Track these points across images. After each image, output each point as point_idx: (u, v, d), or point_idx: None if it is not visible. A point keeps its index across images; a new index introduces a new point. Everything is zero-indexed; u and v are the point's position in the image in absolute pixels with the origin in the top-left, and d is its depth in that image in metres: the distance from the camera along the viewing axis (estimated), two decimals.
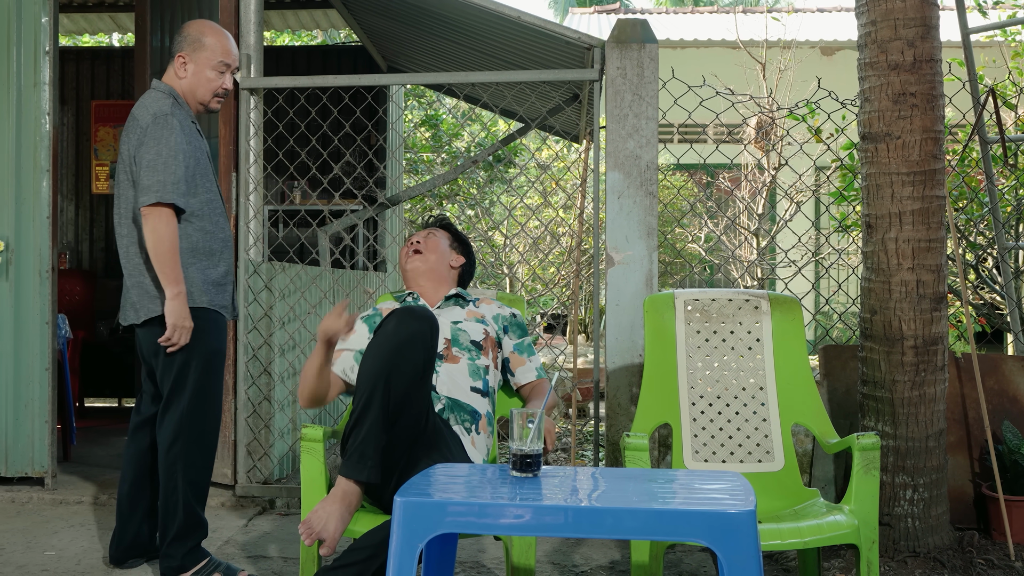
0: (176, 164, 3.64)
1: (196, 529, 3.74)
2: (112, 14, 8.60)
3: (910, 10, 3.84)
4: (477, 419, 3.37)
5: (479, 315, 3.58)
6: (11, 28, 4.98)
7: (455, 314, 3.55)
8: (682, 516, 2.20)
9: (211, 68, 3.81)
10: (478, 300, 3.68)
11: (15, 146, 4.98)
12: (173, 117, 3.70)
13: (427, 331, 3.02)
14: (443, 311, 3.56)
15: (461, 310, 3.58)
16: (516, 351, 3.60)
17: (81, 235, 8.68)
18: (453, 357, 3.44)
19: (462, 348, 3.45)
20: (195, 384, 3.74)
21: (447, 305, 3.60)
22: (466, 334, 3.49)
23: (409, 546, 2.19)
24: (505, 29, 5.43)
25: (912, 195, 3.86)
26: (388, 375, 2.91)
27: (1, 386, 4.98)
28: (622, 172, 4.65)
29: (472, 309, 3.60)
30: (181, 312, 3.65)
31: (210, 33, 3.84)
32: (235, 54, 3.88)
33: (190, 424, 3.74)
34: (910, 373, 3.86)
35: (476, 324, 3.53)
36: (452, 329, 3.49)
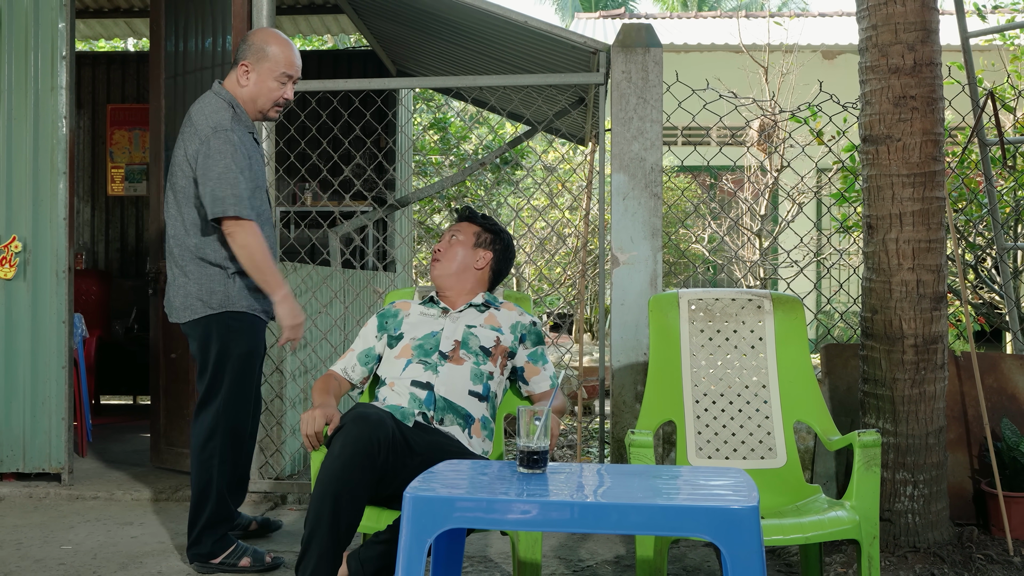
0: (239, 177, 3.62)
1: (226, 520, 3.83)
2: (127, 19, 8.61)
3: (910, 15, 3.83)
4: (471, 422, 3.37)
5: (496, 323, 3.53)
6: (29, 34, 4.99)
7: (472, 318, 3.53)
8: (686, 512, 2.19)
9: (274, 78, 3.78)
10: (501, 304, 3.63)
11: (33, 149, 4.99)
12: (233, 133, 3.68)
13: (375, 444, 2.98)
14: (462, 315, 3.53)
15: (480, 315, 3.55)
16: (531, 360, 3.56)
17: (97, 236, 8.69)
18: (459, 359, 3.42)
19: (470, 352, 3.43)
20: (230, 383, 3.78)
21: (467, 310, 3.56)
22: (477, 339, 3.46)
23: (418, 541, 2.20)
24: (512, 34, 5.43)
25: (912, 196, 3.85)
26: (336, 498, 2.92)
27: (19, 384, 5.00)
28: (627, 174, 4.65)
29: (492, 315, 3.56)
30: (292, 311, 3.72)
31: (274, 43, 3.80)
32: (298, 65, 3.84)
33: (225, 421, 3.79)
34: (910, 371, 3.85)
35: (490, 332, 3.50)
36: (465, 333, 3.47)
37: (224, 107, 3.74)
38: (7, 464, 5.01)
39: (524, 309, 3.66)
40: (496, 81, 5.08)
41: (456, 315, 3.53)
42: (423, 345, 3.43)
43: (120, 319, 8.18)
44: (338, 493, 2.91)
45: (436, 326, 3.49)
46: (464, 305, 3.57)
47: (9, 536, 4.28)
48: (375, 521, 3.07)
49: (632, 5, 25.81)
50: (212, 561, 3.79)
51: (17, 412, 4.99)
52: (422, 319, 3.52)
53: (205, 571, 3.80)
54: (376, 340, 3.56)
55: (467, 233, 3.65)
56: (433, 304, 3.58)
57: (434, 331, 3.47)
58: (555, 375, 3.61)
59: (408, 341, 3.46)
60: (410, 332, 3.49)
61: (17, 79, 4.99)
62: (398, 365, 3.42)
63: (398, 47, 8.06)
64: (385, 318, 3.56)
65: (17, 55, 4.99)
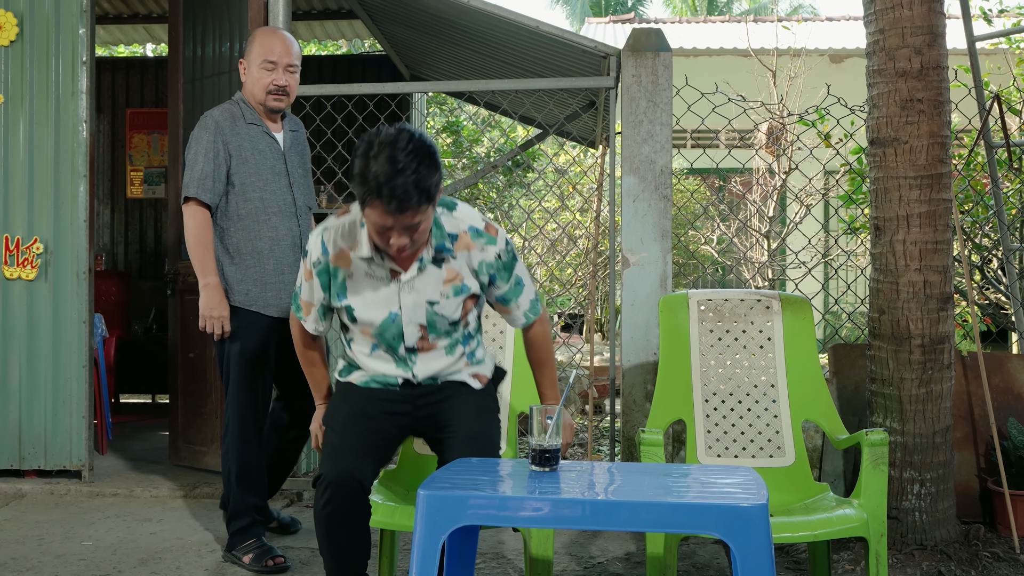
0: (204, 161, 3.72)
1: (245, 513, 3.88)
2: (146, 25, 8.64)
3: (917, 19, 3.82)
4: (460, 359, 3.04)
5: (458, 277, 2.88)
6: (50, 40, 5.01)
7: (432, 284, 2.86)
8: (696, 509, 2.19)
9: (258, 67, 3.82)
10: (456, 239, 2.87)
11: (54, 152, 5.01)
12: (210, 118, 3.80)
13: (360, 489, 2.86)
14: (418, 283, 2.85)
15: (437, 273, 2.86)
16: (500, 303, 3.01)
17: (116, 238, 8.72)
18: (429, 345, 2.95)
19: (439, 334, 2.94)
20: (234, 378, 3.83)
21: (423, 272, 2.86)
22: (444, 318, 2.91)
23: (432, 538, 2.20)
24: (524, 39, 5.43)
25: (919, 198, 3.84)
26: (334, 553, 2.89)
27: (40, 383, 5.02)
28: (637, 176, 4.64)
29: (451, 266, 2.87)
30: (209, 302, 3.73)
31: (257, 36, 3.87)
32: (278, 51, 3.83)
33: (231, 419, 3.84)
34: (917, 371, 3.84)
35: (454, 299, 2.89)
36: (428, 313, 2.88)
37: (226, 106, 3.88)
38: (29, 461, 5.03)
39: (500, 245, 2.90)
40: (508, 85, 5.08)
41: (410, 283, 2.85)
42: (384, 334, 2.91)
43: (139, 319, 8.20)
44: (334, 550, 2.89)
45: (391, 302, 2.86)
46: (415, 267, 2.84)
47: (31, 532, 4.29)
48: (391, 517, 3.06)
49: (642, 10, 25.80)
50: (231, 551, 3.87)
51: (39, 410, 5.01)
52: (367, 283, 2.86)
53: (225, 559, 3.90)
54: (324, 295, 2.94)
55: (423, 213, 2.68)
56: (378, 265, 2.85)
57: (392, 313, 2.87)
58: (536, 299, 3.04)
59: (365, 324, 2.90)
60: (361, 308, 2.88)
61: (39, 84, 5.01)
62: (363, 343, 2.97)
63: (411, 52, 8.07)
64: (325, 276, 2.90)
65: (39, 61, 5.02)
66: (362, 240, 2.82)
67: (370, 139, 2.65)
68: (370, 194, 2.61)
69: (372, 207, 2.63)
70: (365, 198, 2.63)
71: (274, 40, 3.86)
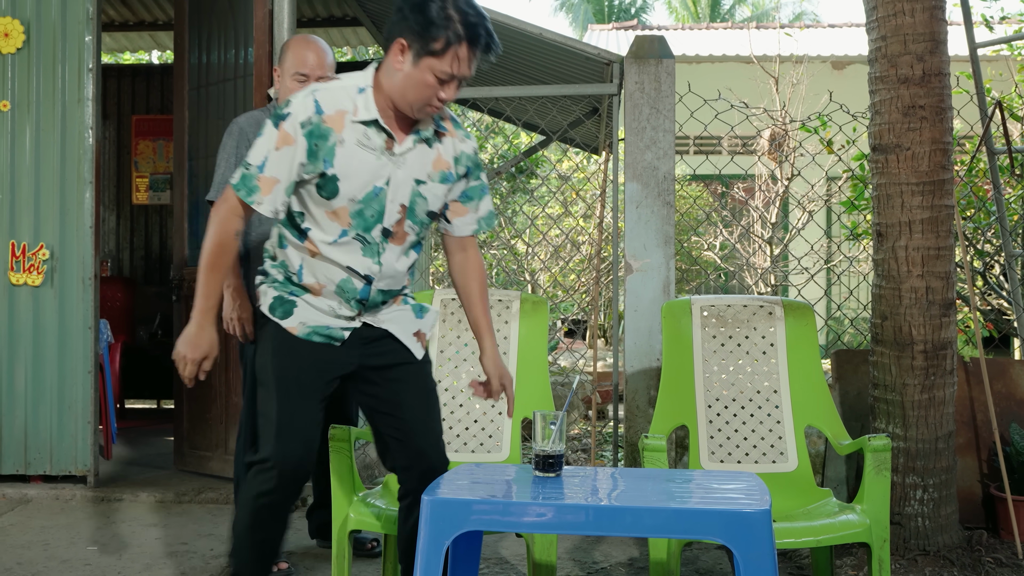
0: (225, 166, 3.84)
1: None
2: (152, 32, 8.65)
3: (919, 26, 3.82)
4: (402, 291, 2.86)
5: (446, 165, 2.74)
6: (56, 47, 5.02)
7: (419, 163, 2.69)
8: (699, 515, 2.19)
9: (290, 78, 3.83)
10: (443, 123, 2.75)
11: (60, 159, 5.02)
12: (236, 124, 3.85)
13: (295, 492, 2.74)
14: (410, 157, 2.67)
15: (428, 152, 2.70)
16: (462, 200, 2.83)
17: (122, 244, 8.73)
18: (401, 235, 2.72)
19: (415, 221, 2.72)
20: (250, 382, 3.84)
21: (416, 147, 2.68)
22: (425, 202, 2.71)
23: (436, 543, 2.20)
24: (527, 46, 5.44)
25: (921, 204, 3.84)
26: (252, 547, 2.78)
27: (46, 388, 5.02)
28: (640, 183, 4.64)
29: (439, 148, 2.72)
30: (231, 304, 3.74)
31: (291, 45, 3.85)
32: (312, 63, 3.82)
33: (244, 418, 3.86)
34: (920, 377, 3.83)
35: (440, 185, 2.73)
36: (412, 193, 2.68)
37: (255, 113, 3.93)
38: (34, 467, 5.03)
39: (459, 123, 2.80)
40: (512, 92, 5.09)
41: (401, 156, 2.65)
42: (363, 212, 2.64)
43: (144, 325, 8.21)
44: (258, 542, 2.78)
45: (379, 176, 2.63)
46: (411, 138, 2.67)
47: (36, 537, 4.30)
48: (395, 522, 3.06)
49: (645, 17, 25.83)
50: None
51: (44, 416, 5.02)
52: (359, 154, 2.61)
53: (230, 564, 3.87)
54: (301, 169, 2.62)
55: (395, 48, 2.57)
56: (376, 128, 2.63)
57: (377, 187, 2.64)
58: (490, 214, 2.90)
59: (345, 201, 2.62)
60: (347, 178, 2.61)
61: (45, 91, 5.03)
62: (330, 229, 2.66)
63: None
64: (314, 139, 2.59)
65: (45, 68, 5.03)
66: (361, 104, 2.61)
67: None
68: (456, 36, 2.49)
69: (451, 52, 2.50)
70: (449, 41, 2.48)
71: (308, 51, 3.84)
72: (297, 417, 2.70)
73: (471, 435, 3.65)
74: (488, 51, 2.56)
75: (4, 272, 5.00)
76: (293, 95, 2.64)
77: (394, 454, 2.84)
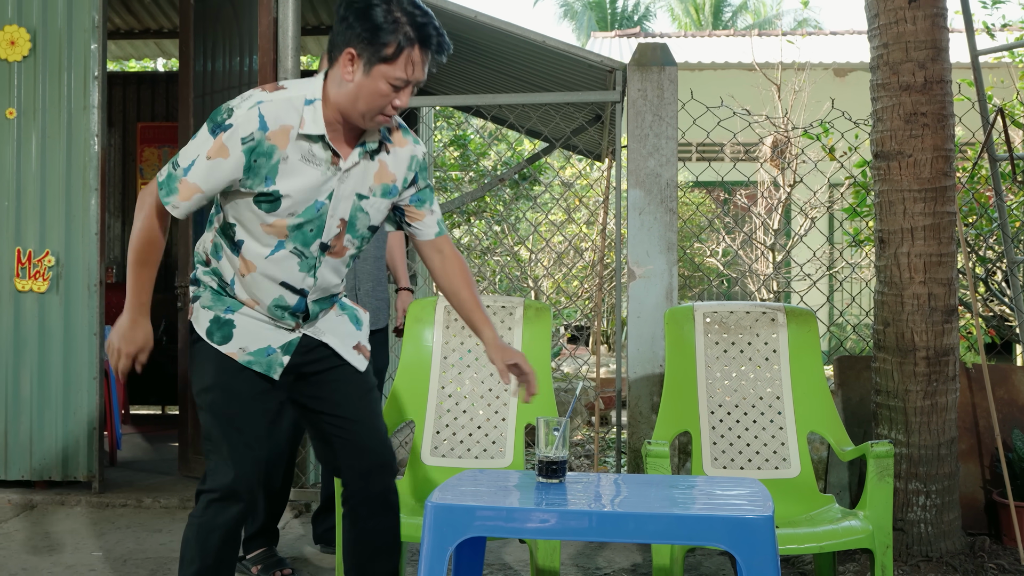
0: None
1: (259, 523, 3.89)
2: (157, 40, 8.67)
3: (921, 33, 3.82)
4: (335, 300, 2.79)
5: (391, 178, 2.63)
6: (62, 55, 5.04)
7: (363, 176, 2.59)
8: (702, 521, 2.19)
9: None
10: (391, 132, 2.64)
11: (66, 166, 5.03)
12: None
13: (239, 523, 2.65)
14: (354, 172, 2.56)
15: (371, 165, 2.59)
16: (415, 204, 2.72)
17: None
18: (340, 249, 2.63)
19: (355, 235, 2.64)
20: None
21: (360, 161, 2.57)
22: (367, 217, 2.62)
23: (440, 549, 2.20)
24: (531, 53, 5.45)
25: (923, 211, 3.84)
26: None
27: (51, 394, 5.02)
28: (643, 189, 4.64)
29: (384, 160, 2.61)
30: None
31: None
32: None
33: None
34: (922, 383, 3.83)
35: (382, 200, 2.63)
36: (353, 208, 2.58)
37: None
38: (40, 472, 5.03)
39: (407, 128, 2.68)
40: (515, 99, 5.09)
41: (348, 171, 2.54)
42: (302, 226, 2.54)
43: None
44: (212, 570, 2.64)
45: (322, 191, 2.52)
46: (357, 151, 2.55)
47: (42, 542, 4.29)
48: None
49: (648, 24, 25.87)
50: (242, 559, 3.84)
51: (50, 422, 5.02)
52: (303, 170, 2.49)
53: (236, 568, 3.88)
54: (233, 183, 2.49)
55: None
56: (322, 144, 2.50)
57: (319, 202, 2.52)
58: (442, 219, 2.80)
59: (285, 215, 2.51)
60: (288, 195, 2.50)
61: (51, 99, 5.04)
62: (266, 242, 2.56)
63: None
64: (255, 155, 2.45)
65: (51, 75, 5.04)
66: (309, 118, 2.47)
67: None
68: (407, 40, 2.39)
69: (404, 56, 2.40)
70: (400, 46, 2.38)
71: None
72: (245, 443, 2.62)
73: (474, 441, 3.65)
74: (440, 51, 2.46)
75: (10, 279, 5.01)
76: (235, 104, 2.47)
77: (338, 453, 2.74)
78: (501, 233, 11.25)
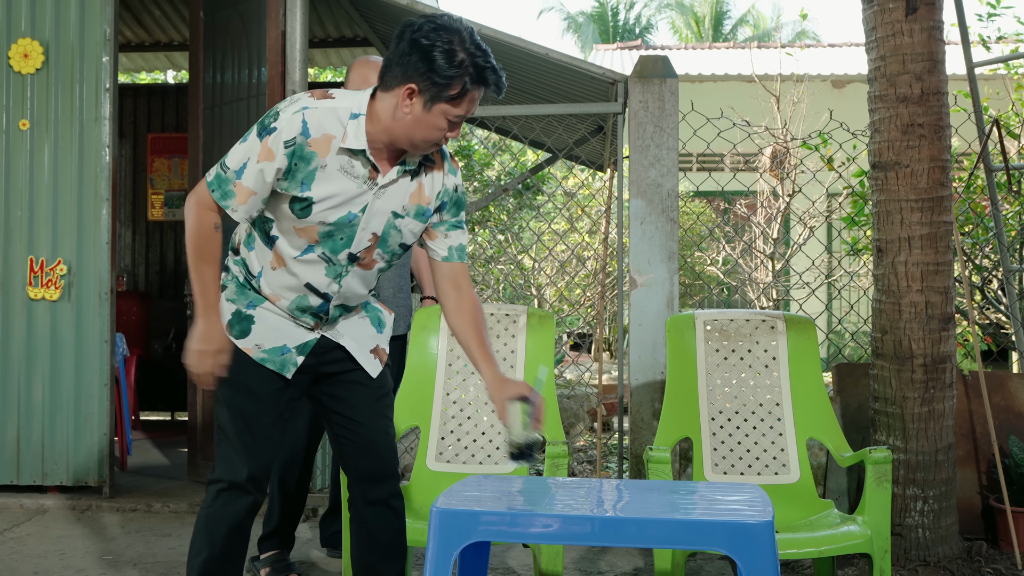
0: None
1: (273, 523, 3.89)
2: (167, 53, 8.70)
3: (918, 46, 3.82)
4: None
5: (426, 200, 2.63)
6: (74, 68, 5.05)
7: (400, 194, 2.59)
8: (703, 526, 2.18)
9: None
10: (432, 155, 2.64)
11: (78, 177, 5.04)
12: None
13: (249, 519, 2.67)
14: (391, 189, 2.57)
15: (409, 185, 2.60)
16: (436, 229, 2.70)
17: (137, 259, 8.75)
18: (369, 262, 2.64)
19: (386, 251, 2.65)
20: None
21: (399, 179, 2.58)
22: (399, 235, 2.63)
23: (445, 553, 2.19)
24: (534, 66, 5.45)
25: (920, 220, 3.83)
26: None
27: (63, 400, 5.03)
28: (644, 199, 4.65)
29: (423, 180, 2.62)
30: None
31: (355, 66, 3.81)
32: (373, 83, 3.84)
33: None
34: (920, 390, 3.82)
35: (417, 220, 2.64)
36: (387, 225, 2.59)
37: None
38: (51, 477, 5.03)
39: (461, 181, 2.73)
40: (518, 111, 5.10)
41: (383, 188, 2.56)
42: (333, 234, 2.56)
43: (159, 339, 8.22)
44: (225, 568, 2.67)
45: (356, 204, 2.54)
46: (396, 169, 2.56)
47: (53, 546, 4.30)
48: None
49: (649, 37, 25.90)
50: (254, 559, 3.85)
51: (61, 427, 5.02)
52: (340, 180, 2.51)
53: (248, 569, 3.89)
54: (284, 182, 2.52)
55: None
56: (362, 159, 2.52)
57: (352, 214, 2.54)
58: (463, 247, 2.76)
59: (316, 222, 2.53)
60: (322, 201, 2.52)
61: (63, 111, 5.05)
62: (296, 243, 2.58)
63: None
64: (295, 159, 2.48)
65: (64, 88, 5.05)
66: (352, 132, 2.49)
67: (434, 27, 2.40)
68: (471, 82, 2.40)
69: (467, 97, 2.42)
70: (465, 88, 2.40)
71: (371, 73, 3.81)
72: (255, 438, 2.65)
73: (479, 447, 3.65)
74: (498, 91, 2.46)
75: (23, 287, 5.02)
76: (281, 108, 2.50)
77: (345, 454, 2.76)
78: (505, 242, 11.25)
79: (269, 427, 2.68)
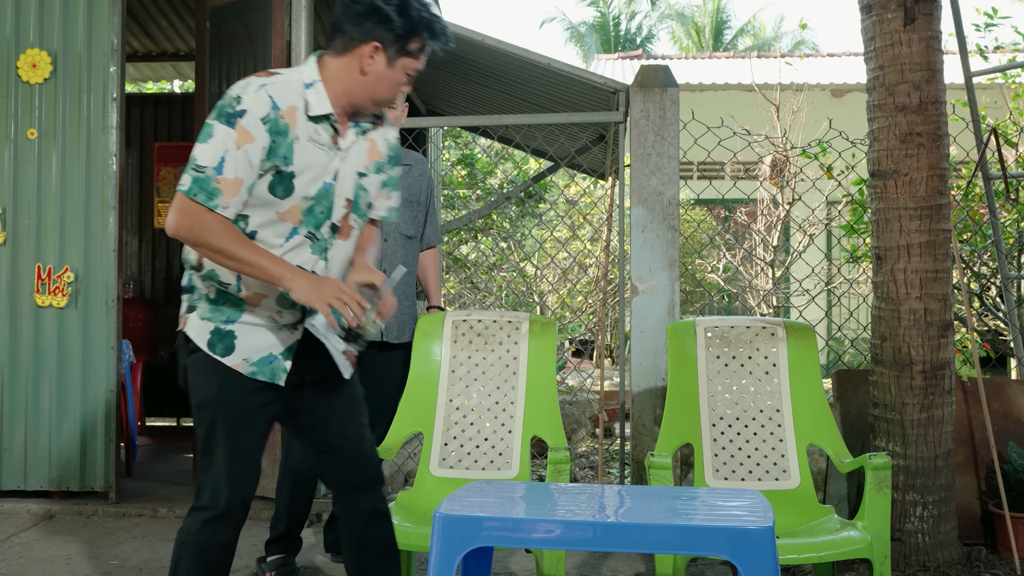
0: None
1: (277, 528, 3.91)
2: (174, 63, 8.72)
3: (916, 55, 3.83)
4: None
5: (380, 155, 2.66)
6: (82, 77, 5.06)
7: (360, 154, 2.61)
8: (704, 531, 2.18)
9: None
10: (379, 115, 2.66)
11: (85, 185, 5.05)
12: None
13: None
14: (352, 151, 2.58)
15: (364, 141, 2.62)
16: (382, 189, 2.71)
17: (144, 266, 8.76)
18: (347, 229, 2.61)
19: (359, 214, 2.63)
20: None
21: (357, 139, 2.60)
22: (366, 194, 2.63)
23: (448, 559, 2.19)
24: (536, 75, 5.46)
25: (919, 228, 3.83)
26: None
27: (70, 406, 5.03)
28: (645, 207, 4.65)
29: (374, 136, 2.65)
30: None
31: None
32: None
33: None
34: (919, 396, 3.82)
35: (376, 176, 2.65)
36: (356, 187, 2.60)
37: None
38: (58, 483, 5.03)
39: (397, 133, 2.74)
40: (521, 120, 5.11)
41: (344, 150, 2.56)
42: (314, 209, 2.52)
43: (165, 345, 8.21)
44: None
45: (328, 172, 2.53)
46: (354, 131, 2.58)
47: (59, 551, 4.29)
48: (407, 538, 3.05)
49: (650, 47, 25.92)
50: (261, 560, 3.89)
51: (68, 433, 5.02)
52: (311, 150, 2.49)
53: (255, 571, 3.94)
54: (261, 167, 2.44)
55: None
56: (325, 125, 2.51)
57: (326, 182, 2.53)
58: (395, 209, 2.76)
59: (299, 199, 2.49)
60: (302, 174, 2.48)
61: (71, 120, 5.06)
62: (280, 231, 2.51)
63: (428, 88, 8.11)
64: (273, 134, 2.43)
65: (71, 97, 5.06)
66: (313, 100, 2.48)
67: None
68: (428, 36, 2.49)
69: (424, 51, 2.52)
70: (424, 42, 2.49)
71: None
72: (244, 461, 2.56)
73: (481, 452, 3.65)
74: (447, 44, 2.56)
75: (30, 294, 5.02)
76: (239, 92, 2.43)
77: (326, 467, 2.73)
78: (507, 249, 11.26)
79: (258, 447, 2.60)
